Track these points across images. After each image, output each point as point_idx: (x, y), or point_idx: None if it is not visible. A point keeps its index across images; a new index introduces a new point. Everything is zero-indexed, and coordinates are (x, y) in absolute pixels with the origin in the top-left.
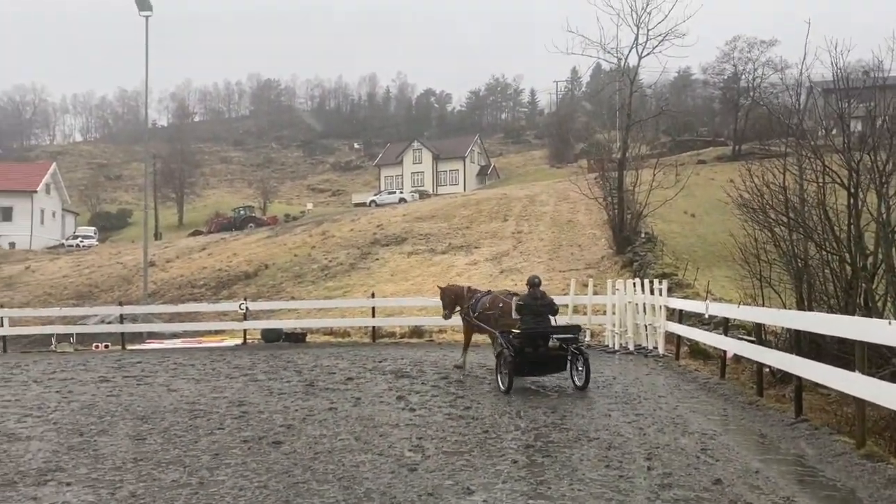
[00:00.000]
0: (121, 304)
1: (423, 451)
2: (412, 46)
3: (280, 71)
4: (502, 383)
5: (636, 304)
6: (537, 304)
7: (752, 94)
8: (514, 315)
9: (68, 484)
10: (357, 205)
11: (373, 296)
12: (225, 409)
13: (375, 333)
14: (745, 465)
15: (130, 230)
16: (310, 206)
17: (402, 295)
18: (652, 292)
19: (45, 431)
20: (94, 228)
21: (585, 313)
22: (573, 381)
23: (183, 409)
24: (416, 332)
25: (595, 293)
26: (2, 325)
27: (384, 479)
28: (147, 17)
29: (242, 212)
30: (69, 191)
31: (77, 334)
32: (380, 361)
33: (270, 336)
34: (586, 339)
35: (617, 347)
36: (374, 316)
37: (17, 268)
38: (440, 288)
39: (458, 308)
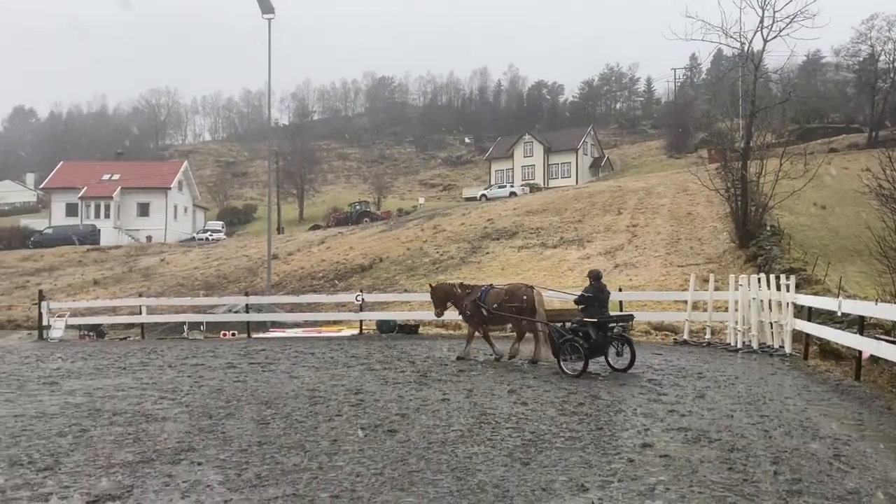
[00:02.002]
0: (246, 294)
1: (535, 445)
2: (524, 37)
3: (394, 68)
4: (571, 370)
5: (761, 301)
6: (604, 296)
7: (892, 76)
8: (547, 306)
9: (199, 464)
10: (467, 199)
11: None
12: (343, 396)
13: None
14: (885, 474)
15: (255, 224)
16: (422, 200)
17: None
18: (778, 288)
19: (179, 413)
20: (221, 223)
21: (705, 310)
22: (610, 365)
23: (303, 395)
24: None
25: (716, 289)
26: (140, 314)
27: (497, 472)
28: (269, 19)
29: (358, 207)
30: (199, 187)
31: (207, 322)
32: (490, 354)
33: (385, 327)
34: (707, 336)
35: (739, 346)
36: None
37: (153, 259)
38: (431, 287)
39: (449, 305)
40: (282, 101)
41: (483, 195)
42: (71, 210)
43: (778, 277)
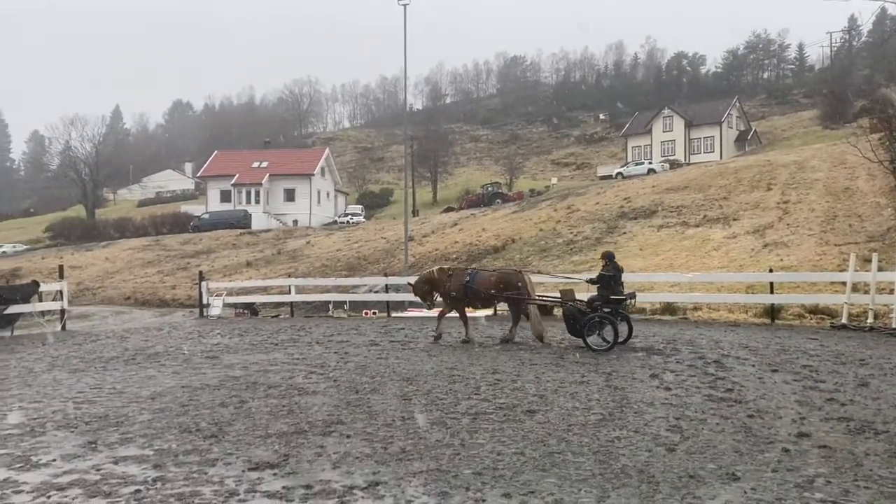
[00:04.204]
0: (385, 275)
1: (681, 431)
2: (661, 6)
3: (526, 47)
4: (596, 345)
5: None
6: (620, 275)
7: None
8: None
9: (348, 436)
10: (602, 177)
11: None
12: (480, 375)
13: None
14: None
15: (392, 208)
16: (554, 180)
17: (653, 270)
18: None
19: (327, 387)
20: (361, 207)
21: (867, 292)
22: (603, 337)
23: (443, 373)
24: (669, 308)
25: (880, 269)
26: (290, 293)
27: (641, 457)
28: (405, 5)
29: (490, 188)
30: (339, 173)
31: (349, 302)
32: (629, 337)
33: None
34: (869, 320)
35: None
36: None
37: (299, 242)
38: (410, 285)
39: (436, 294)
40: (416, 86)
41: (619, 173)
42: (224, 196)
43: None
